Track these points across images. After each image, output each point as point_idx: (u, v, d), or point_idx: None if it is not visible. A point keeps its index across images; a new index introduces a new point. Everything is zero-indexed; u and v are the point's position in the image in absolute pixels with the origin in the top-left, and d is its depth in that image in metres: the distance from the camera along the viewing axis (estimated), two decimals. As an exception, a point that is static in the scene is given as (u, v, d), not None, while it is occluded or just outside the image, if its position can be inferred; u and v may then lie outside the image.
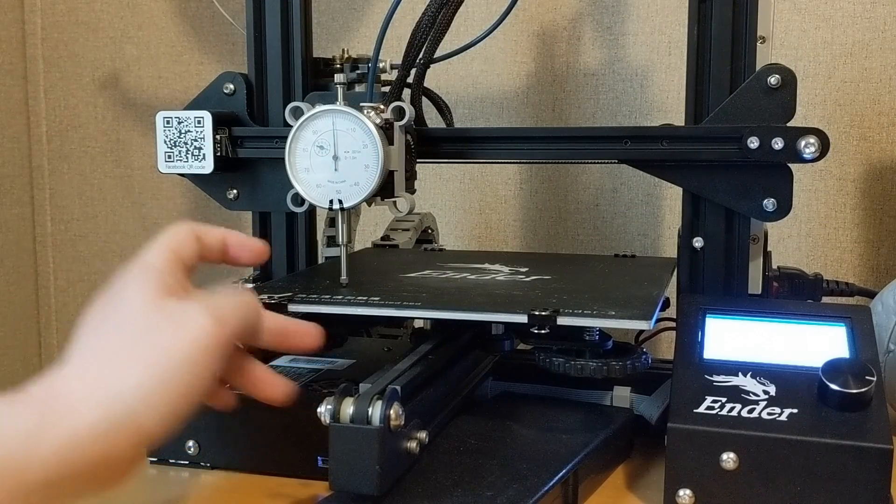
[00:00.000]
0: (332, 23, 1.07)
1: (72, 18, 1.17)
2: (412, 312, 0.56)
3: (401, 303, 0.56)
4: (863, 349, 0.55)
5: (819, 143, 0.59)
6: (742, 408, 0.51)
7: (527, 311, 0.52)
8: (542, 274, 0.67)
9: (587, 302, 0.55)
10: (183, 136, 0.70)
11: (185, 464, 0.59)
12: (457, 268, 0.70)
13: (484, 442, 0.55)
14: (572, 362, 0.56)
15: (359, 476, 0.45)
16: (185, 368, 0.40)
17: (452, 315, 0.54)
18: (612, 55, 0.99)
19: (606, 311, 0.52)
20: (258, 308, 0.47)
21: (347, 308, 0.55)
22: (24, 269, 1.21)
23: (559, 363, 0.56)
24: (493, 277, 0.66)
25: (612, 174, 1.00)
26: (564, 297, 0.58)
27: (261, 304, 0.48)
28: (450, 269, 0.69)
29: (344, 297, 0.57)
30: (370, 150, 0.60)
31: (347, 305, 0.56)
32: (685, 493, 0.50)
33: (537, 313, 0.51)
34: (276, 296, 0.57)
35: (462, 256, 0.79)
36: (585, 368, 0.55)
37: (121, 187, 1.19)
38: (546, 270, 0.69)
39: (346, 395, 0.47)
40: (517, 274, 0.67)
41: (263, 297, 0.55)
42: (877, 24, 0.91)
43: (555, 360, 0.56)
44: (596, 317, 0.52)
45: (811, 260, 0.95)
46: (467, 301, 0.57)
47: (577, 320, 0.52)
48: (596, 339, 0.56)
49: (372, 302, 0.56)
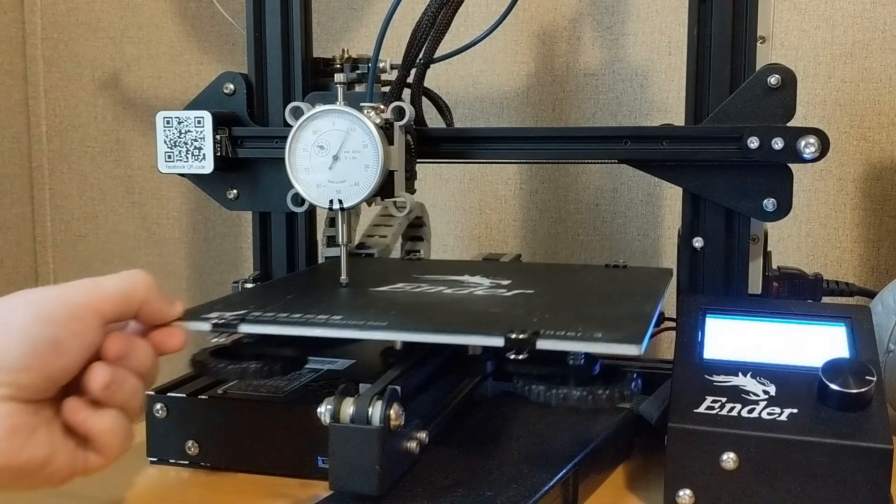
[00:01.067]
0: (332, 23, 1.07)
1: (72, 18, 1.17)
2: (375, 334, 0.50)
3: (364, 323, 0.50)
4: (863, 349, 0.55)
5: (819, 143, 0.59)
6: (742, 408, 0.51)
7: (503, 334, 0.47)
8: (525, 287, 0.62)
9: (571, 321, 0.51)
10: (183, 136, 0.70)
11: (185, 464, 0.59)
12: (433, 280, 0.65)
13: (484, 442, 0.55)
14: (554, 391, 0.48)
15: (359, 476, 0.45)
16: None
17: (419, 337, 0.49)
18: (612, 55, 0.99)
19: (592, 333, 0.47)
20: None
21: (304, 329, 0.50)
22: (24, 269, 1.21)
23: (539, 392, 0.49)
24: (472, 291, 0.61)
25: (612, 174, 1.00)
26: (547, 315, 0.53)
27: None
28: (425, 282, 0.64)
29: (302, 317, 0.52)
30: (370, 150, 0.60)
31: (304, 326, 0.50)
32: (685, 493, 0.50)
33: (514, 336, 0.46)
34: (229, 314, 0.52)
35: (440, 267, 0.74)
36: (569, 398, 0.48)
37: (121, 187, 1.19)
38: (529, 283, 0.64)
39: (346, 396, 0.47)
40: (498, 287, 0.62)
41: (213, 317, 0.51)
42: (877, 24, 0.91)
43: (534, 388, 0.49)
44: (580, 340, 0.47)
45: (811, 260, 0.95)
46: (438, 320, 0.53)
47: (558, 344, 0.47)
48: (581, 364, 0.50)
49: (332, 322, 0.50)
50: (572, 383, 0.49)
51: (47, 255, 1.23)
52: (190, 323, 0.51)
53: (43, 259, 1.23)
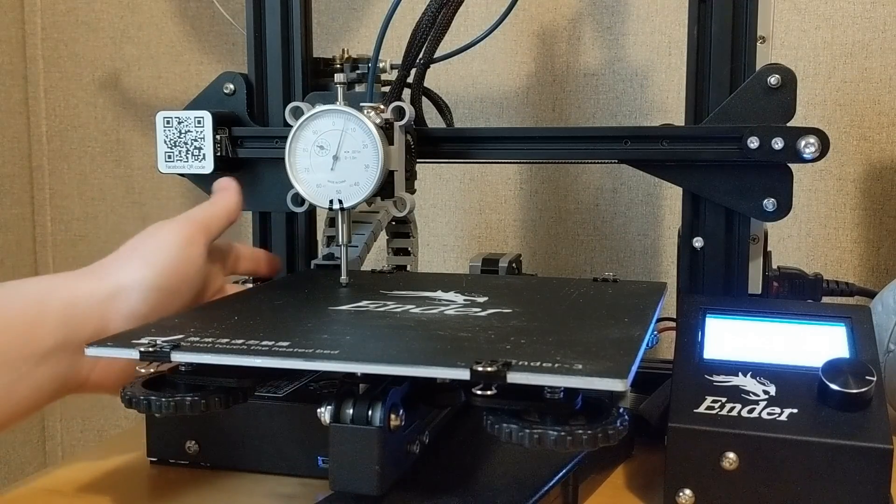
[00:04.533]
0: (332, 23, 1.07)
1: (72, 18, 1.17)
2: (323, 364, 0.44)
3: (312, 351, 0.45)
4: (863, 349, 0.55)
5: (819, 143, 0.59)
6: (742, 408, 0.51)
7: (469, 365, 0.41)
8: (502, 306, 0.56)
9: (550, 349, 0.45)
10: (183, 136, 0.70)
11: (185, 464, 0.59)
12: (401, 297, 0.60)
13: (484, 442, 0.54)
14: (527, 430, 0.42)
15: (359, 476, 0.45)
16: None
17: (372, 369, 0.44)
18: (612, 55, 0.99)
19: (571, 365, 0.41)
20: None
21: (243, 358, 0.45)
22: (24, 269, 1.21)
23: (510, 431, 0.42)
24: (442, 311, 0.55)
25: (612, 174, 1.00)
26: (522, 340, 0.47)
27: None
28: (392, 299, 0.59)
29: (244, 343, 0.46)
30: (370, 150, 0.60)
31: (244, 354, 0.45)
32: (685, 493, 0.50)
33: (481, 369, 0.41)
34: (161, 339, 0.47)
35: (413, 281, 0.68)
36: (544, 439, 0.42)
37: (121, 187, 1.19)
38: (508, 300, 0.58)
39: (347, 396, 0.47)
40: (472, 305, 0.57)
41: (143, 342, 0.46)
42: (877, 24, 0.91)
43: (504, 426, 0.42)
44: (556, 373, 0.41)
45: (811, 260, 0.95)
46: (398, 348, 0.48)
47: (531, 377, 0.41)
48: (560, 398, 0.43)
49: (277, 350, 0.45)
50: (549, 421, 0.43)
51: (47, 255, 1.23)
52: (116, 350, 0.47)
53: (43, 259, 1.23)
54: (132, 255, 0.57)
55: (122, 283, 0.55)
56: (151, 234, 0.59)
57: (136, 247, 0.58)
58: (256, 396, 0.56)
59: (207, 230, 0.61)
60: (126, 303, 0.54)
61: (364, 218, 0.75)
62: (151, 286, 0.55)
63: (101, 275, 0.55)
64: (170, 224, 0.59)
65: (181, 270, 0.57)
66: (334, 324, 0.53)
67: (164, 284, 0.56)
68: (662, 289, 0.63)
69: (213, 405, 0.48)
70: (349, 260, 0.66)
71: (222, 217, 0.64)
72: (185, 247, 0.58)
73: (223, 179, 0.68)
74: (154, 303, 0.55)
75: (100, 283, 0.54)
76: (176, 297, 0.57)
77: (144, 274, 0.55)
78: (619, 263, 1.01)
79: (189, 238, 0.59)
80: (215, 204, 0.65)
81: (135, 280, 0.55)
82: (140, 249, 0.57)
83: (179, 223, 0.60)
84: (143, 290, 0.55)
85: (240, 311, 0.56)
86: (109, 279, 0.55)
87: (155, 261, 0.56)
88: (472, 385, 0.43)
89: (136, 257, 0.57)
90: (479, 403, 0.44)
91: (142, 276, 0.55)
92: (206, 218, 0.62)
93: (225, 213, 0.64)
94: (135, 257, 0.57)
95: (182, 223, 0.60)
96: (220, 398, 0.48)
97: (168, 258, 0.57)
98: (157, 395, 0.48)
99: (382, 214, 0.76)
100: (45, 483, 0.58)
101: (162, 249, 0.57)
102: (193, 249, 0.59)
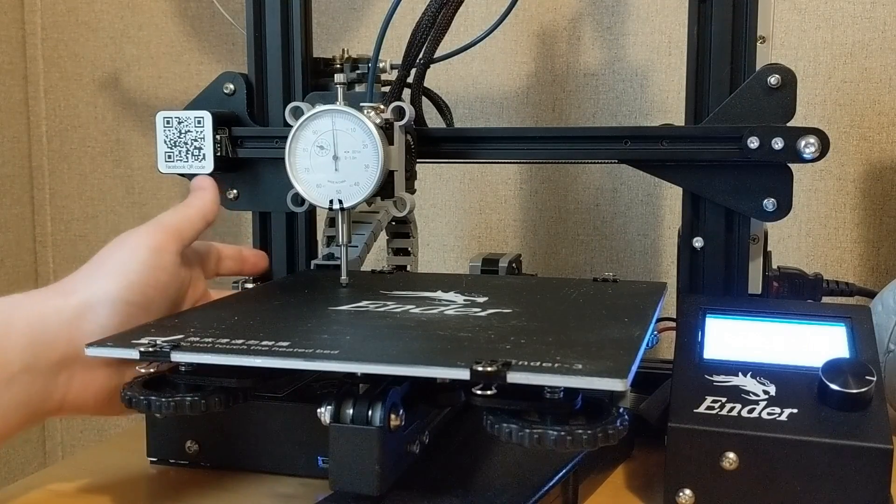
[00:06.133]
0: (332, 23, 1.07)
1: (72, 18, 1.17)
2: (323, 364, 0.44)
3: (312, 351, 0.45)
4: (863, 349, 0.55)
5: (819, 143, 0.59)
6: (742, 408, 0.51)
7: (469, 365, 0.42)
8: (502, 306, 0.57)
9: (549, 349, 0.45)
10: (183, 136, 0.70)
11: (185, 464, 0.59)
12: (401, 297, 0.60)
13: (484, 442, 0.54)
14: (527, 430, 0.42)
15: (359, 476, 0.45)
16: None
17: (372, 368, 0.44)
18: (612, 55, 0.99)
19: (571, 364, 0.42)
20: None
21: (243, 358, 0.45)
22: (24, 269, 1.21)
23: (510, 431, 0.43)
24: (442, 311, 0.56)
25: (612, 174, 1.00)
26: (522, 340, 0.48)
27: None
28: (392, 299, 0.59)
29: (244, 343, 0.47)
30: (370, 150, 0.60)
31: (244, 354, 0.45)
32: (685, 493, 0.50)
33: (481, 368, 0.41)
34: (161, 339, 0.47)
35: (413, 281, 0.69)
36: (544, 438, 0.42)
37: (121, 187, 1.19)
38: (508, 301, 0.59)
39: (347, 396, 0.47)
40: (472, 306, 0.57)
41: (143, 343, 0.47)
42: (877, 24, 0.91)
43: (504, 426, 0.43)
44: (556, 373, 0.41)
45: (811, 260, 0.95)
46: (398, 348, 0.48)
47: (531, 377, 0.41)
48: (560, 398, 0.44)
49: (277, 350, 0.45)
50: (549, 421, 0.43)
51: (47, 255, 1.23)
52: (116, 350, 0.47)
53: (43, 259, 1.23)
54: (99, 269, 0.55)
55: (90, 299, 0.52)
56: (119, 246, 0.56)
57: (103, 260, 0.55)
58: (256, 396, 0.56)
59: (179, 235, 0.59)
60: (95, 319, 0.52)
61: (364, 218, 0.75)
62: (120, 299, 0.53)
63: (68, 291, 0.53)
64: (137, 233, 0.57)
65: (152, 280, 0.55)
66: (334, 324, 0.53)
67: (133, 297, 0.54)
68: (662, 289, 0.63)
69: (213, 405, 0.48)
70: (349, 260, 0.66)
71: (196, 219, 0.61)
72: (155, 255, 0.56)
73: (199, 178, 0.67)
74: (125, 316, 0.53)
75: (66, 301, 0.52)
76: (149, 308, 0.55)
77: (112, 288, 0.53)
78: (619, 263, 1.01)
79: (158, 246, 0.57)
80: (189, 205, 0.62)
81: (103, 295, 0.53)
82: (107, 262, 0.55)
83: (148, 231, 0.58)
84: (112, 304, 0.53)
85: (240, 311, 0.56)
86: (76, 295, 0.53)
87: (123, 273, 0.54)
88: (471, 385, 0.43)
89: (103, 271, 0.54)
90: (479, 403, 0.44)
91: (109, 290, 0.53)
92: (177, 222, 0.59)
93: (199, 215, 0.62)
94: (102, 271, 0.54)
95: (151, 230, 0.58)
96: (220, 398, 0.48)
97: (137, 269, 0.55)
98: (157, 396, 0.48)
99: (382, 214, 0.76)
100: (45, 483, 0.58)
101: (130, 260, 0.55)
102: (164, 257, 0.56)
